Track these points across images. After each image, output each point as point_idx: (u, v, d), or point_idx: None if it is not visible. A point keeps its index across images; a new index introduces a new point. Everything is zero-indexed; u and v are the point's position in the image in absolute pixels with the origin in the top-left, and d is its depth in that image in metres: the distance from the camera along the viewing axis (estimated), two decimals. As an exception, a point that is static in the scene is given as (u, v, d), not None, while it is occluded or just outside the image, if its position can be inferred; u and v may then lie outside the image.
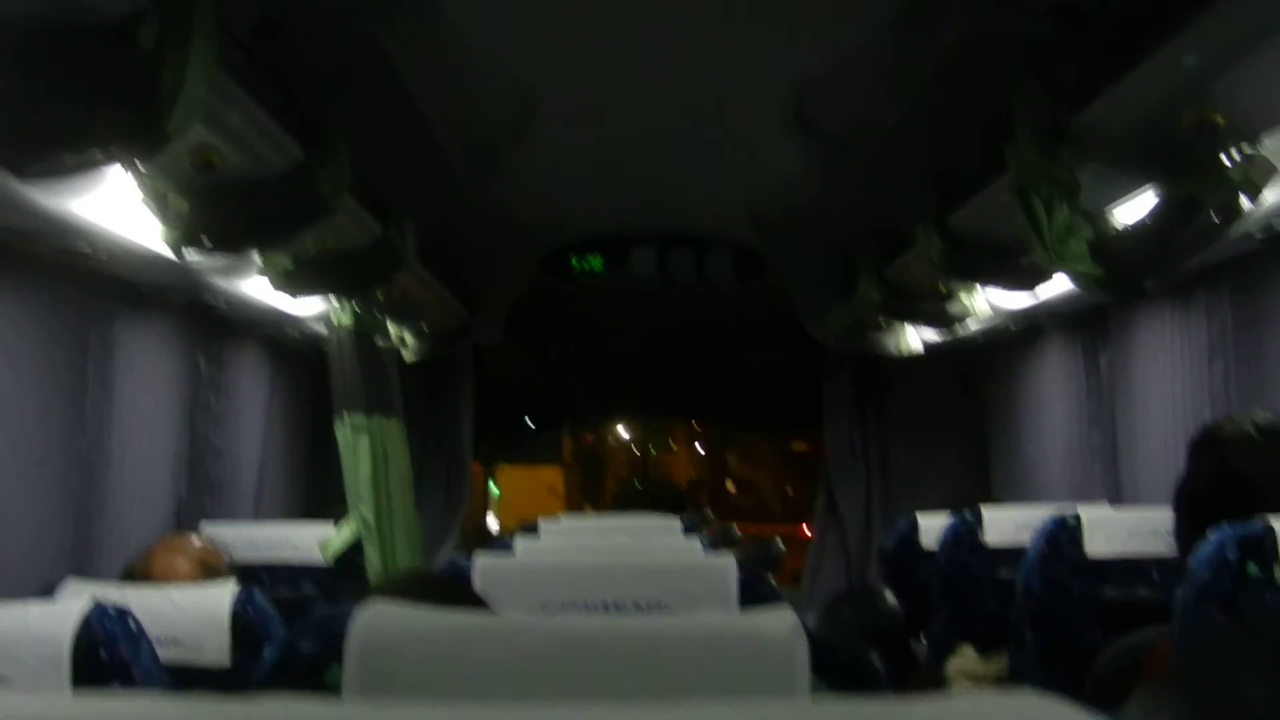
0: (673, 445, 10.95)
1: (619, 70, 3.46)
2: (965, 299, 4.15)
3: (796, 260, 5.28)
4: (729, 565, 1.46)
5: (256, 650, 2.02)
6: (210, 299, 3.34)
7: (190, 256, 2.66)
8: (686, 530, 3.04)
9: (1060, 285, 3.33)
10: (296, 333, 4.09)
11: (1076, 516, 2.53)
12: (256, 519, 4.09)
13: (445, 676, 0.81)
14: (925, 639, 3.53)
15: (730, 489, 10.62)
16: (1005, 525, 3.20)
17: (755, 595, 1.38)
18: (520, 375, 6.78)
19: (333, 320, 3.98)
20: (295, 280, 3.30)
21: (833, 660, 0.84)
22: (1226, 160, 2.33)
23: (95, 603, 1.65)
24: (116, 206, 2.44)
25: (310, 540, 3.34)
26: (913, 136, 3.39)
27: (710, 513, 7.00)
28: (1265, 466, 1.84)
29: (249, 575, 2.95)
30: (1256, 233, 2.58)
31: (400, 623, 0.84)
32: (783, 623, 0.83)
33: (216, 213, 2.49)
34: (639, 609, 1.44)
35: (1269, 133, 2.26)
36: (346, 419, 4.00)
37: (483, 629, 0.85)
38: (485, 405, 6.13)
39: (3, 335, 2.52)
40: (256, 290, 3.38)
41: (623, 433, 10.40)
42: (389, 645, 0.82)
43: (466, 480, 5.93)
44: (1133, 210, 2.69)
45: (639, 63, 3.40)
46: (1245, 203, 2.39)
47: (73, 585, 2.23)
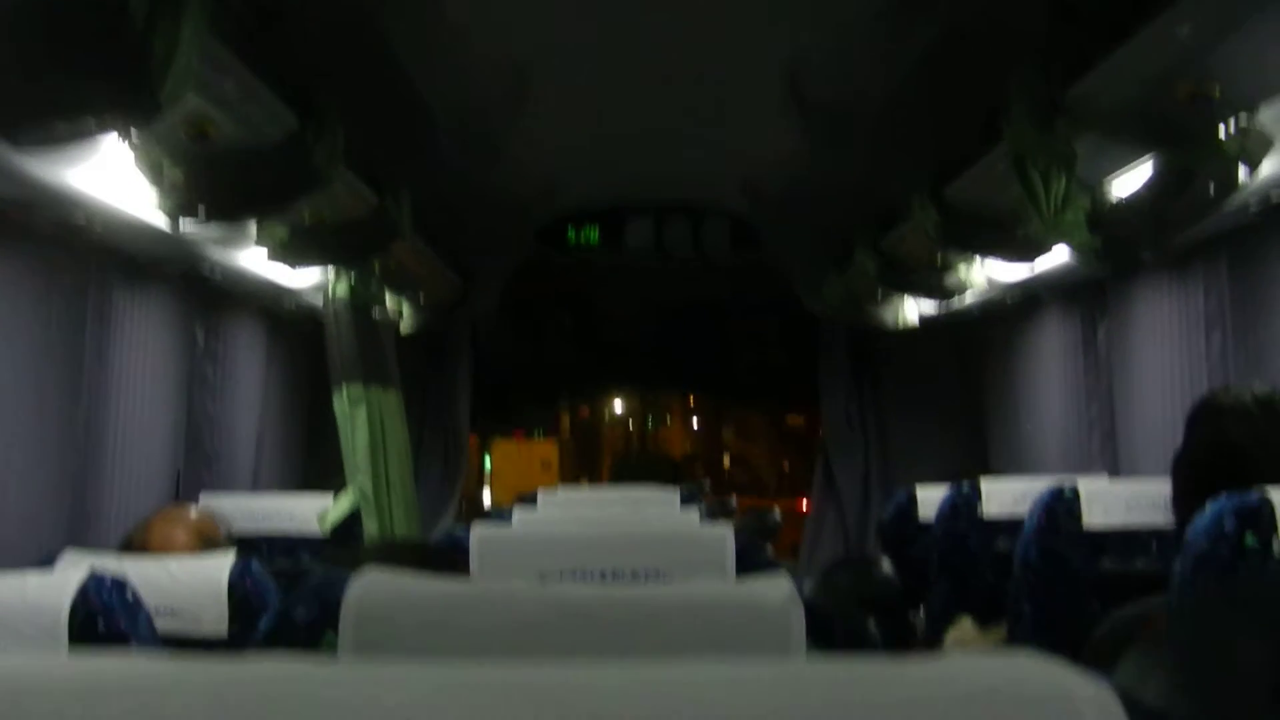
0: (668, 420, 10.95)
1: (615, 43, 3.44)
2: (962, 271, 4.14)
3: (792, 233, 5.27)
4: (726, 534, 1.46)
5: (254, 621, 2.01)
6: (207, 270, 3.33)
7: (186, 226, 2.65)
8: (684, 501, 3.04)
9: (1057, 257, 3.33)
10: (293, 304, 4.08)
11: (1074, 488, 2.52)
12: (254, 490, 4.09)
13: (440, 643, 0.81)
14: (923, 611, 3.54)
15: (726, 463, 10.63)
16: (1003, 497, 3.20)
17: (752, 564, 1.38)
18: (516, 348, 6.78)
19: (329, 291, 3.98)
20: (291, 251, 3.29)
21: (828, 627, 0.84)
22: (1222, 132, 2.32)
23: (92, 573, 1.64)
24: (112, 177, 2.43)
25: (308, 512, 3.34)
26: (909, 108, 3.38)
27: (708, 483, 7.01)
28: (1262, 437, 1.84)
29: (247, 546, 2.94)
30: (1253, 205, 2.57)
31: (395, 590, 0.84)
32: (778, 590, 0.83)
33: (212, 182, 2.48)
34: (636, 578, 1.44)
35: (1265, 104, 2.25)
36: (344, 390, 4.00)
37: (478, 596, 0.85)
38: (482, 378, 6.13)
39: (-2, 307, 2.51)
40: (253, 261, 3.37)
41: (618, 407, 10.40)
42: (384, 612, 0.82)
43: (464, 453, 5.93)
44: (1130, 182, 2.69)
45: (635, 36, 3.38)
46: (1242, 174, 2.39)
47: (71, 556, 2.22)
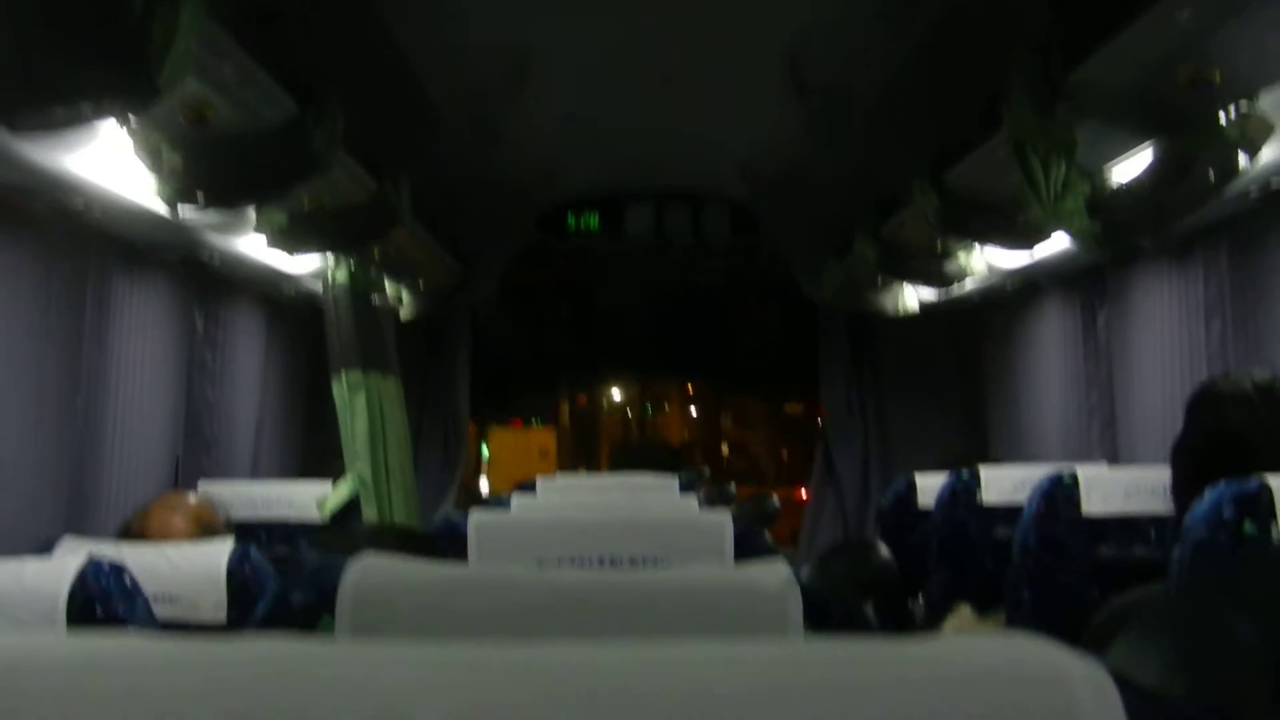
0: (666, 408, 10.94)
1: (615, 29, 3.43)
2: (962, 258, 4.13)
3: (792, 219, 5.26)
4: (724, 520, 1.46)
5: (252, 607, 2.01)
6: (206, 256, 3.33)
7: (185, 212, 2.65)
8: (683, 488, 3.04)
9: (1057, 244, 3.32)
10: (293, 290, 4.07)
11: (1073, 475, 2.52)
12: (254, 477, 4.09)
13: (437, 628, 0.80)
14: (923, 599, 3.53)
15: (724, 452, 10.61)
16: (1003, 484, 3.19)
17: (750, 550, 1.38)
18: (515, 335, 6.77)
19: (328, 278, 3.97)
20: (290, 237, 3.28)
21: (825, 612, 0.84)
22: (1223, 118, 2.31)
23: (90, 558, 1.64)
24: (112, 162, 2.43)
25: (307, 498, 3.34)
26: (909, 94, 3.37)
27: (707, 471, 7.00)
28: (1262, 424, 1.83)
29: (246, 533, 2.94)
30: (1254, 191, 2.56)
31: (392, 575, 0.84)
32: (775, 575, 0.83)
33: (211, 168, 2.48)
34: (634, 564, 1.44)
35: (1266, 90, 2.24)
36: (343, 377, 4.00)
37: (475, 580, 0.85)
38: (481, 365, 6.13)
39: (-2, 292, 2.51)
40: (252, 247, 3.36)
41: (616, 395, 10.38)
42: (381, 597, 0.82)
43: (464, 439, 5.93)
44: (1130, 168, 2.68)
45: (635, 21, 3.37)
46: (1243, 160, 2.38)
47: (69, 543, 2.22)
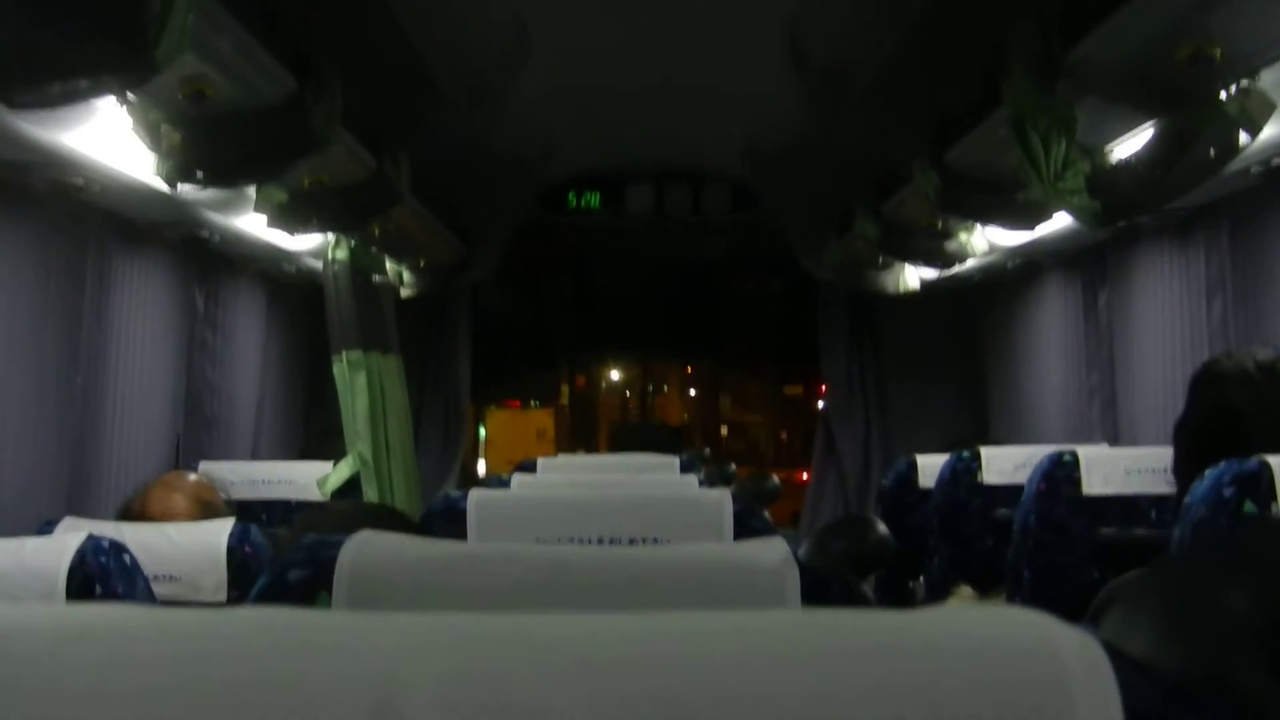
0: (665, 389, 10.93)
1: (615, 5, 3.41)
2: (963, 236, 4.12)
3: (793, 197, 5.25)
4: (724, 499, 1.45)
5: (253, 587, 2.01)
6: (206, 234, 3.32)
7: (184, 190, 2.64)
8: (683, 469, 3.03)
9: (1058, 223, 3.31)
10: (293, 268, 4.07)
11: (1074, 455, 2.51)
12: (254, 456, 4.09)
13: (434, 604, 0.80)
14: (923, 580, 3.54)
15: (723, 433, 10.61)
16: (1003, 465, 3.19)
17: (750, 529, 1.37)
18: (517, 313, 6.77)
19: (328, 256, 3.96)
20: (290, 215, 3.27)
21: (823, 588, 0.83)
22: (1223, 94, 2.30)
23: (90, 537, 1.64)
24: (111, 139, 2.42)
25: (308, 478, 3.34)
26: (908, 71, 3.36)
27: (708, 451, 7.01)
28: (1264, 403, 1.82)
29: (247, 513, 2.95)
30: (1254, 168, 2.55)
31: (389, 551, 0.83)
32: (773, 551, 0.82)
33: (210, 144, 2.46)
34: (634, 543, 1.44)
35: (1267, 68, 2.23)
36: (344, 356, 3.99)
37: (472, 556, 0.85)
38: (482, 344, 6.12)
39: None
40: (253, 225, 3.36)
41: (614, 376, 10.38)
42: (378, 573, 0.81)
43: (464, 419, 5.93)
44: (1129, 146, 2.67)
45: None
46: (1243, 138, 2.37)
47: (69, 523, 2.22)
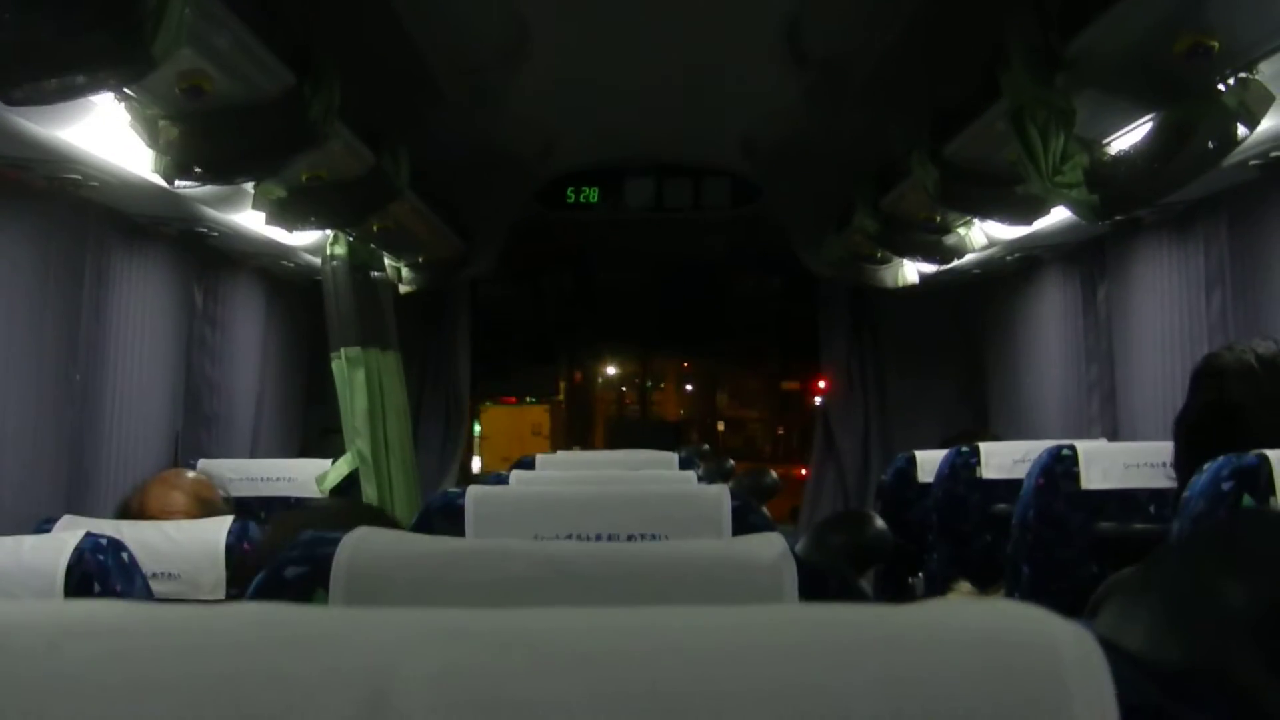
0: (662, 385, 10.90)
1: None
2: (962, 231, 4.12)
3: (792, 192, 5.25)
4: (722, 494, 1.45)
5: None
6: (205, 230, 3.32)
7: (182, 185, 2.63)
8: (681, 464, 3.03)
9: (1057, 217, 3.30)
10: (292, 264, 4.07)
11: (1073, 449, 2.52)
12: (253, 453, 4.09)
13: (431, 600, 0.80)
14: (922, 575, 3.54)
15: (721, 429, 10.59)
16: (1002, 459, 3.19)
17: (748, 525, 1.37)
18: (516, 309, 6.76)
19: (327, 252, 3.95)
20: (288, 211, 3.26)
21: (821, 583, 0.83)
22: (1222, 86, 2.29)
23: (88, 535, 1.64)
24: (109, 135, 2.42)
25: (307, 474, 3.34)
26: (907, 65, 3.35)
27: (707, 447, 7.01)
28: (1265, 397, 1.82)
29: (246, 510, 2.95)
30: (1253, 161, 2.55)
31: (386, 547, 0.83)
32: (771, 547, 0.82)
33: (208, 139, 2.46)
34: (633, 539, 1.43)
35: (1266, 59, 2.23)
36: (343, 352, 3.99)
37: (470, 552, 0.84)
38: (480, 340, 6.12)
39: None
40: (251, 221, 3.35)
41: (611, 372, 10.36)
42: (375, 569, 0.81)
43: (464, 415, 5.92)
44: (1128, 138, 2.67)
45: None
46: (1241, 130, 2.36)
47: (68, 520, 2.22)
